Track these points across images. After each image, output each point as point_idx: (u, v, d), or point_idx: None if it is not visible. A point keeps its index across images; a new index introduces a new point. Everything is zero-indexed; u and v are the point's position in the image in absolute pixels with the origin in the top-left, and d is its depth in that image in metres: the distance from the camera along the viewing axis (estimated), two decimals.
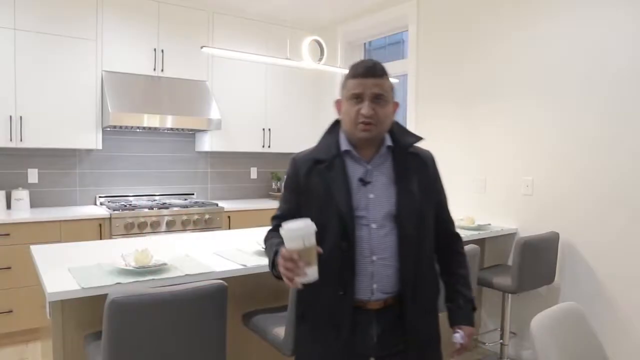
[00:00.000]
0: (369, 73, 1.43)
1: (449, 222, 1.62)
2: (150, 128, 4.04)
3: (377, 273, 1.44)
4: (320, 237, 1.35)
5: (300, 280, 1.31)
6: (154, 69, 4.05)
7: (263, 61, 3.35)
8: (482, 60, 3.48)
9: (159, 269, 1.90)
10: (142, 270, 1.84)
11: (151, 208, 3.82)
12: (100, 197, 4.13)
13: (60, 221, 3.45)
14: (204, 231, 3.82)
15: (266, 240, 1.61)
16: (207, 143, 4.42)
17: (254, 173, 5.07)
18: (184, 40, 4.20)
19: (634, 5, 2.67)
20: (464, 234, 2.98)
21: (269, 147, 4.77)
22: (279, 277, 1.39)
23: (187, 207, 3.99)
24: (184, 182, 4.60)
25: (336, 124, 1.57)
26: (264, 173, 5.15)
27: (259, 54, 3.33)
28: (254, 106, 4.66)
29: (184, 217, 3.93)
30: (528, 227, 3.20)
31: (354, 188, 1.47)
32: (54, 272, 1.87)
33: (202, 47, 2.95)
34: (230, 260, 2.14)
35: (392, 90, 1.49)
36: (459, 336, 1.56)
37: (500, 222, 3.37)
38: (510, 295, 3.06)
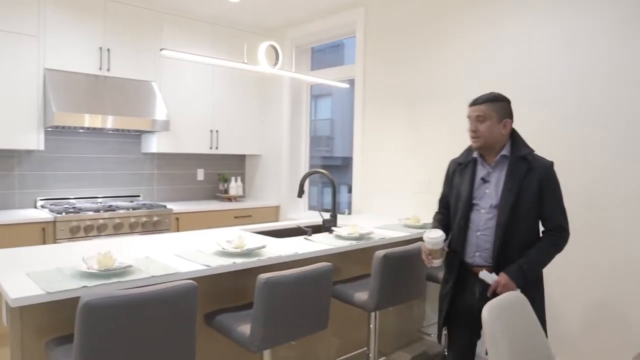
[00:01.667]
0: (472, 103, 2.10)
1: (549, 218, 2.04)
2: (95, 128, 3.93)
3: (479, 245, 2.08)
4: (454, 214, 2.17)
5: (430, 265, 2.13)
6: (100, 68, 3.95)
7: (221, 64, 3.35)
8: (427, 65, 3.68)
9: (123, 271, 1.90)
10: (107, 273, 1.84)
11: (98, 211, 3.72)
12: (40, 199, 3.97)
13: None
14: (153, 233, 3.77)
15: (433, 217, 2.40)
16: (155, 144, 4.36)
17: (200, 174, 5.05)
18: (131, 40, 4.12)
19: (568, 21, 2.95)
20: (410, 232, 3.17)
21: (217, 148, 4.77)
22: None
23: (134, 209, 3.92)
24: (129, 184, 4.51)
25: None
26: (210, 174, 5.13)
27: (217, 58, 3.32)
28: (202, 107, 4.64)
29: (132, 220, 3.86)
30: None
31: (477, 184, 2.12)
32: (11, 277, 1.82)
33: (161, 50, 2.91)
34: (192, 261, 2.16)
35: (496, 112, 2.04)
36: (489, 276, 1.99)
37: None
38: None
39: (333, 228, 3.05)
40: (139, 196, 4.54)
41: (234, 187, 5.01)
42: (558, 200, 2.04)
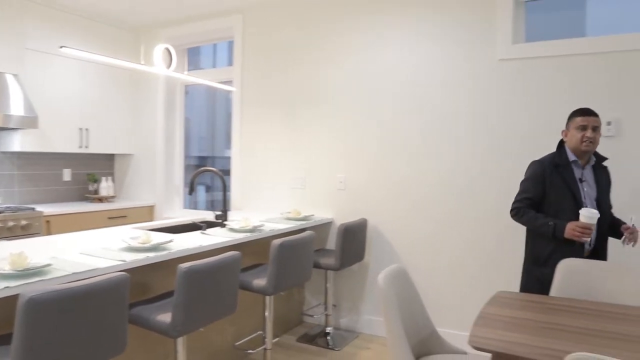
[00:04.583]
0: (591, 113, 2.47)
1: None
2: None
3: None
4: (558, 209, 2.46)
5: (586, 239, 2.35)
6: None
7: (119, 65, 3.29)
8: (302, 70, 4.05)
9: (41, 270, 1.90)
10: (26, 273, 1.83)
11: None
12: None
13: None
14: (22, 238, 3.53)
15: (523, 212, 2.55)
16: (17, 143, 4.04)
17: (67, 175, 4.78)
18: None
19: (443, 40, 3.54)
20: (294, 224, 3.51)
21: (87, 147, 4.58)
22: (556, 236, 2.42)
23: None
24: None
25: (561, 144, 2.59)
26: (77, 175, 4.88)
27: (114, 58, 3.19)
28: (71, 104, 4.42)
29: None
30: (342, 216, 3.88)
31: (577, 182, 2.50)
32: None
33: (61, 47, 2.80)
34: (104, 258, 2.21)
35: (601, 125, 2.50)
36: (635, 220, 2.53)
37: (319, 212, 4.00)
38: (332, 272, 3.69)
39: (225, 222, 3.24)
40: None
41: (105, 187, 4.84)
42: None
